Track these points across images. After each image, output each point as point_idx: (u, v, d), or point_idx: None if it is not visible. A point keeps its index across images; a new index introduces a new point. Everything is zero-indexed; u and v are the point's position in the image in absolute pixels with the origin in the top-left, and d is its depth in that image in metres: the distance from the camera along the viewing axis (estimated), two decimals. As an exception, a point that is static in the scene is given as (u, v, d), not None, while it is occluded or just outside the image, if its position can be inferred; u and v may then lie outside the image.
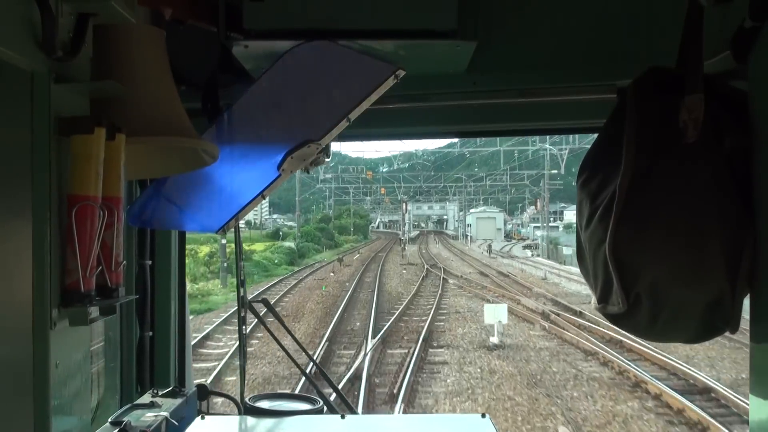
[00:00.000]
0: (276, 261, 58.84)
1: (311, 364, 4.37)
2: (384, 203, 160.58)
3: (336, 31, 2.71)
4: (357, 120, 2.80)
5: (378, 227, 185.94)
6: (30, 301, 2.07)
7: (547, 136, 70.47)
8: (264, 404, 3.50)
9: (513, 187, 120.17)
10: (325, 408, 3.55)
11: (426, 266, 54.62)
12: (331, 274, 49.36)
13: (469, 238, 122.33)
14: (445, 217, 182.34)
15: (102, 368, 3.40)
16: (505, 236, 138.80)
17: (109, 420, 2.88)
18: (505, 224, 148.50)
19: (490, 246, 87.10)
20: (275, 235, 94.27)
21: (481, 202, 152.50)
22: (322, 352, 20.90)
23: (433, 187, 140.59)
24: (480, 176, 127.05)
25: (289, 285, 41.14)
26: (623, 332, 2.35)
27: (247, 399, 3.53)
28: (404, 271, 51.96)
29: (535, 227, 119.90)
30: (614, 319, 2.38)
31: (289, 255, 64.39)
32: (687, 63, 2.25)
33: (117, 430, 2.77)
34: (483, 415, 3.26)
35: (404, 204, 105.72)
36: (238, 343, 3.83)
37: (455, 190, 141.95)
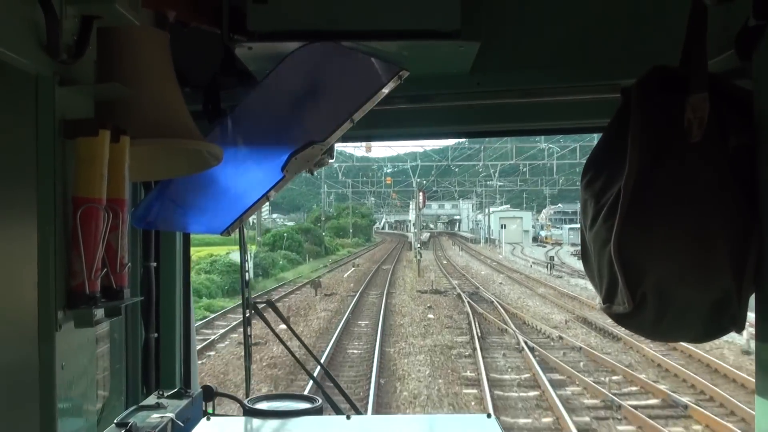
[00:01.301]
0: (203, 289, 35.32)
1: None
2: (390, 198, 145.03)
3: (339, 33, 2.71)
4: (361, 121, 2.81)
5: (383, 228, 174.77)
6: (35, 303, 2.07)
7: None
8: (269, 405, 3.51)
9: (561, 176, 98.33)
10: (331, 409, 3.56)
11: (465, 298, 32.31)
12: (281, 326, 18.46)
13: (497, 242, 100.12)
14: (457, 217, 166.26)
15: (107, 370, 3.40)
16: (533, 239, 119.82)
17: (115, 421, 2.88)
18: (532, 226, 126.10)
19: (552, 259, 58.91)
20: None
21: (498, 199, 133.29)
22: None
23: (462, 169, 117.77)
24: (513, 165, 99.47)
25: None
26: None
27: (252, 399, 3.53)
28: (430, 315, 28.93)
29: (571, 229, 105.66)
30: (620, 319, 2.37)
31: (234, 275, 36.58)
32: (691, 62, 2.25)
33: (123, 431, 2.77)
34: (488, 416, 3.26)
35: (420, 195, 72.74)
36: (243, 344, 3.82)
37: (473, 185, 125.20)
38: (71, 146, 2.14)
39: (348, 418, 3.39)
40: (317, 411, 3.48)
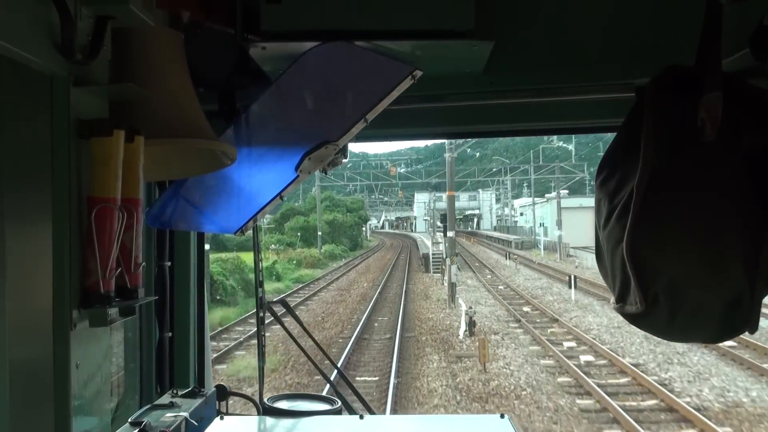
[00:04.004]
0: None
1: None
2: (390, 172, 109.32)
3: (353, 32, 2.71)
4: (374, 120, 2.81)
5: (382, 227, 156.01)
6: (50, 303, 2.08)
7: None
8: (283, 404, 3.52)
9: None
10: (344, 408, 3.56)
11: None
12: None
13: (568, 248, 66.55)
14: (476, 211, 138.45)
15: (122, 369, 3.42)
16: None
17: (129, 420, 2.89)
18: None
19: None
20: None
21: (526, 189, 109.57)
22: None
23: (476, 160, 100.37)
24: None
25: None
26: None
27: (265, 399, 3.54)
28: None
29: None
30: (632, 318, 2.37)
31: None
32: (705, 61, 2.24)
33: (137, 430, 2.79)
34: (502, 416, 3.25)
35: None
36: (256, 344, 3.83)
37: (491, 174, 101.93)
38: (86, 146, 2.15)
39: (361, 417, 3.39)
40: (335, 413, 3.48)
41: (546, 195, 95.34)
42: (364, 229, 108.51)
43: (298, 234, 71.83)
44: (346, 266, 60.44)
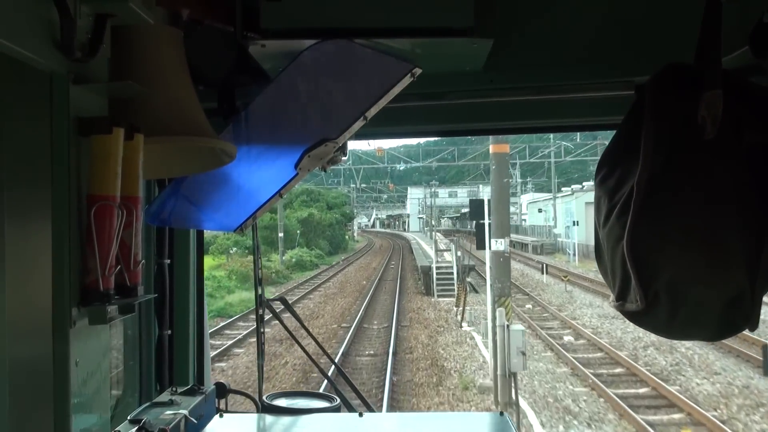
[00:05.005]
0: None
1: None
2: (377, 153, 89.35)
3: (353, 30, 2.71)
4: (374, 118, 2.80)
5: (373, 225, 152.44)
6: (49, 300, 2.08)
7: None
8: (282, 402, 3.52)
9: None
10: (343, 406, 3.56)
11: None
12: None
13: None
14: None
15: (121, 366, 3.42)
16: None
17: (128, 418, 2.89)
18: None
19: None
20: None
21: (530, 185, 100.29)
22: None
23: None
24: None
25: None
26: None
27: (265, 397, 3.54)
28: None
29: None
30: (632, 316, 2.37)
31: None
32: (705, 59, 2.24)
33: (136, 428, 2.79)
34: (501, 413, 3.25)
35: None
36: (256, 342, 3.84)
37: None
38: (86, 144, 2.14)
39: (360, 415, 3.39)
40: (334, 410, 3.49)
41: (562, 188, 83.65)
42: (349, 228, 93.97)
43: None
44: (314, 281, 44.65)
